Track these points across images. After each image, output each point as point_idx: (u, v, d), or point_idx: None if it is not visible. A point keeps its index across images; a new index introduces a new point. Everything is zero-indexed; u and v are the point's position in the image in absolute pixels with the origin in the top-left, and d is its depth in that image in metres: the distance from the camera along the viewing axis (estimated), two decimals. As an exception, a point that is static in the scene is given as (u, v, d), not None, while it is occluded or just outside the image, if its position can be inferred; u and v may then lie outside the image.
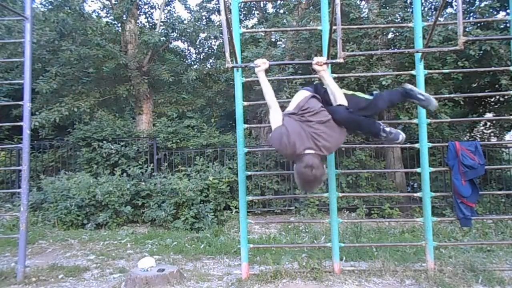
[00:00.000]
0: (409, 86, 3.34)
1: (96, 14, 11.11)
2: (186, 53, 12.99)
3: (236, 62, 3.54)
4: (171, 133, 8.65)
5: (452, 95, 6.65)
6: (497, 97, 9.13)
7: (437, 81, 7.35)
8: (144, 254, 4.86)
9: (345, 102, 2.91)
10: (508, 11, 6.67)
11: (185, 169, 7.91)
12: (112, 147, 7.94)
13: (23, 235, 3.93)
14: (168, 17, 11.05)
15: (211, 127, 9.67)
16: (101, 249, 5.29)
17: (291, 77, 6.95)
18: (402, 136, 2.98)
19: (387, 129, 2.95)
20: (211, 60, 12.21)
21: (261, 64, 3.00)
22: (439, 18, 3.26)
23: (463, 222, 3.73)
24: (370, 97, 3.20)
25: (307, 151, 2.69)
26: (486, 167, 3.92)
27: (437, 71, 5.71)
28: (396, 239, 5.52)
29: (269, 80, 3.06)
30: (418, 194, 3.88)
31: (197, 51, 12.37)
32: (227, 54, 2.90)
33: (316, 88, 3.13)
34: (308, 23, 7.69)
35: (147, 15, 11.57)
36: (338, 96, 2.93)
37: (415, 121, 3.92)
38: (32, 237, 5.72)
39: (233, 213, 7.17)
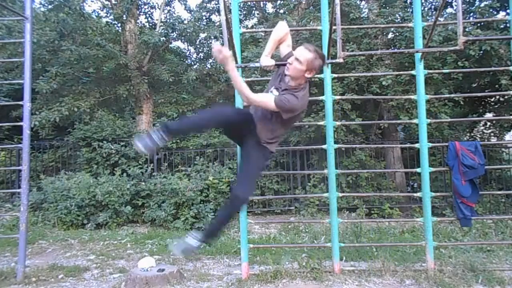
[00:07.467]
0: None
1: (96, 14, 11.08)
2: (186, 53, 12.98)
3: (236, 62, 3.53)
4: (171, 133, 8.64)
5: (452, 95, 6.65)
6: (497, 97, 9.11)
7: (437, 81, 7.35)
8: (144, 254, 4.86)
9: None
10: (508, 11, 6.65)
11: (185, 169, 7.91)
12: (112, 147, 7.94)
13: (23, 235, 3.93)
14: (168, 17, 11.02)
15: (211, 127, 9.66)
16: (101, 249, 5.29)
17: None
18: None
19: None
20: (211, 60, 12.17)
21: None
22: (439, 18, 3.26)
23: (463, 222, 3.73)
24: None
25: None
26: (486, 167, 3.92)
27: (437, 71, 5.71)
28: (396, 239, 5.52)
29: (268, 80, 3.04)
30: (418, 194, 3.89)
31: (197, 51, 12.37)
32: (227, 54, 2.89)
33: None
34: (308, 23, 7.69)
35: (147, 15, 11.55)
36: None
37: (415, 121, 3.92)
38: (32, 237, 5.72)
39: (233, 213, 7.16)
